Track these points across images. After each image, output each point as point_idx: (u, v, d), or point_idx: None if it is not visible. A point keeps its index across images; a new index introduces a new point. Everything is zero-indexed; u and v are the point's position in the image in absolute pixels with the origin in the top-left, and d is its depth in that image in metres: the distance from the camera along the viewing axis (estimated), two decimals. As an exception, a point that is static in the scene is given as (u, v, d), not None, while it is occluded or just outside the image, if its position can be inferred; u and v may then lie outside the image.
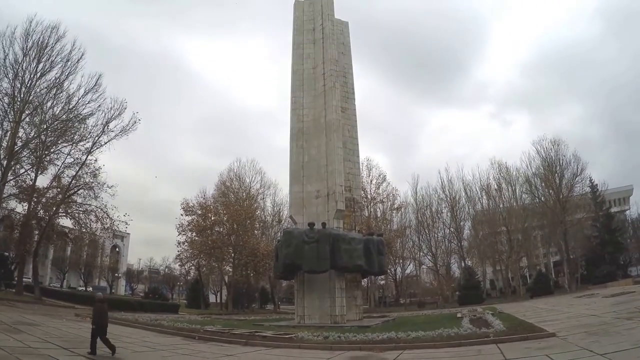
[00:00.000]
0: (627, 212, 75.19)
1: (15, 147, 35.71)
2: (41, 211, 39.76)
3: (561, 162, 56.30)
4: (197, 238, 49.87)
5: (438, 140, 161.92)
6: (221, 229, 51.25)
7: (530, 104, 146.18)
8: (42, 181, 39.60)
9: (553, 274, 67.30)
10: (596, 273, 52.31)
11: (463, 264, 62.94)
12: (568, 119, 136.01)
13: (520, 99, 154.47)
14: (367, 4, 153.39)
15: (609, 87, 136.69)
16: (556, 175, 55.93)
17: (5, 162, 35.03)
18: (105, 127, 39.39)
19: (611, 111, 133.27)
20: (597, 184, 59.39)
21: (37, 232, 41.78)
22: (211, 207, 52.31)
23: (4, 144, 35.88)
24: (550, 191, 56.30)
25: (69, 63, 38.50)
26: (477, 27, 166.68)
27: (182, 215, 50.28)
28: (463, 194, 64.53)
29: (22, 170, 38.09)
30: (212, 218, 51.21)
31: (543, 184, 57.43)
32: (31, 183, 38.14)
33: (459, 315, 25.83)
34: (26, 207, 38.71)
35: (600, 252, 54.32)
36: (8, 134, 36.00)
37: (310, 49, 23.63)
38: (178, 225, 50.10)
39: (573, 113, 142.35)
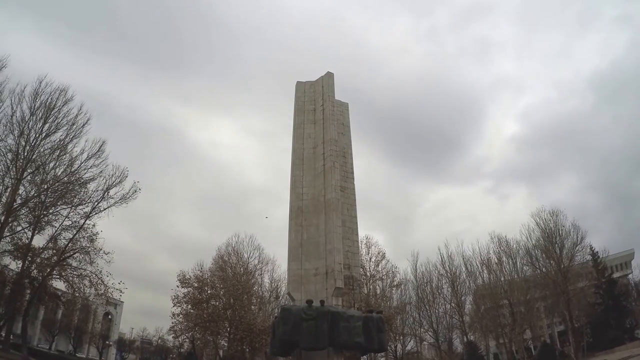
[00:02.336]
0: (630, 276, 74.06)
1: (15, 204, 35.84)
2: (35, 271, 39.41)
3: (561, 232, 56.53)
4: (192, 311, 48.72)
5: (437, 217, 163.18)
6: (217, 303, 50.21)
7: (527, 177, 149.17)
8: (39, 241, 39.60)
9: (558, 344, 65.14)
10: (602, 339, 50.91)
11: (465, 339, 61.31)
12: (565, 189, 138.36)
13: (516, 173, 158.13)
14: (366, 86, 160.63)
15: (603, 156, 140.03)
16: (556, 245, 55.85)
17: (3, 218, 34.96)
18: (106, 194, 40.04)
19: (606, 179, 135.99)
20: (597, 251, 59.18)
21: (29, 291, 41.16)
22: (208, 280, 51.53)
23: (4, 199, 36.03)
24: (552, 262, 55.99)
25: (74, 127, 39.68)
26: (473, 106, 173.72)
27: (178, 286, 49.50)
28: (463, 269, 64.10)
29: (19, 228, 38.23)
30: (209, 291, 50.39)
31: (544, 255, 57.26)
32: (27, 241, 38.03)
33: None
34: (20, 265, 38.25)
35: (605, 318, 53.04)
36: (8, 190, 36.29)
37: (310, 129, 24.27)
38: (173, 297, 49.12)
39: (570, 183, 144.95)
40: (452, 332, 63.10)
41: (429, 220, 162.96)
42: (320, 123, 23.98)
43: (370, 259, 55.80)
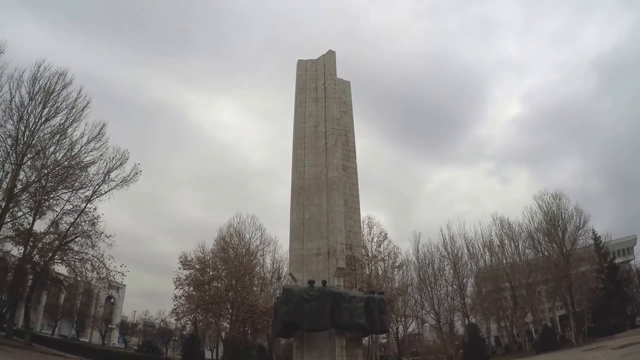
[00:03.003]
0: (632, 262, 74.04)
1: (15, 189, 35.56)
2: (37, 256, 39.26)
3: (563, 215, 56.45)
4: (194, 292, 48.56)
5: (438, 198, 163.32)
6: (219, 285, 50.03)
7: (529, 159, 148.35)
8: (40, 226, 39.32)
9: (559, 328, 65.39)
10: (603, 325, 50.87)
11: (467, 321, 61.37)
12: (568, 173, 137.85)
13: (519, 155, 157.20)
14: (368, 66, 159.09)
15: (606, 140, 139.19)
16: (559, 229, 55.74)
17: (3, 204, 34.74)
18: (106, 177, 39.59)
19: (609, 163, 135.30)
20: (600, 236, 59.00)
21: (31, 276, 41.15)
22: (210, 261, 51.27)
23: (4, 185, 35.77)
24: (554, 245, 55.90)
25: (74, 110, 39.13)
26: (475, 87, 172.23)
27: (180, 269, 49.06)
28: (465, 250, 64.05)
29: (20, 213, 37.92)
30: (211, 273, 50.20)
31: (546, 239, 57.21)
32: (28, 227, 37.81)
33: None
34: (22, 251, 38.09)
35: (607, 303, 53.04)
36: (9, 175, 35.99)
37: (312, 107, 23.96)
38: (175, 279, 48.68)
39: (572, 167, 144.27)
40: (453, 314, 63.27)
41: (431, 201, 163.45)
42: (322, 101, 23.64)
43: (372, 239, 55.86)
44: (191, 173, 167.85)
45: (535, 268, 58.22)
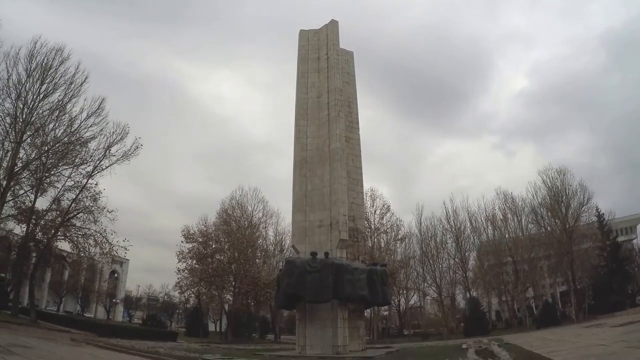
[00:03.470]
0: (635, 240, 73.90)
1: (16, 167, 35.19)
2: (39, 233, 39.22)
3: (567, 191, 55.73)
4: (197, 266, 49.05)
5: (442, 171, 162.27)
6: (222, 257, 50.46)
7: (535, 134, 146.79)
8: (42, 203, 39.04)
9: (560, 304, 65.87)
10: (604, 302, 50.81)
11: (468, 295, 61.76)
12: (574, 149, 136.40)
13: (524, 129, 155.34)
14: (371, 37, 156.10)
15: (613, 117, 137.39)
16: (562, 204, 55.21)
17: (4, 183, 34.48)
18: (107, 152, 39.13)
19: (616, 140, 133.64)
20: (603, 213, 58.25)
21: (34, 254, 41.35)
22: (212, 234, 51.56)
23: (4, 164, 35.40)
24: (557, 221, 55.51)
25: (72, 86, 38.26)
26: (480, 59, 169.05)
27: (182, 242, 49.47)
28: (468, 224, 63.65)
29: (21, 192, 37.55)
30: (213, 246, 50.49)
31: (549, 214, 56.72)
32: (30, 205, 37.57)
33: (464, 346, 25.07)
34: (24, 229, 38.07)
35: (608, 281, 52.90)
36: (9, 154, 35.56)
37: (314, 78, 23.63)
38: (178, 253, 49.22)
39: (578, 143, 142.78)
40: (455, 287, 63.47)
41: (434, 174, 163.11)
42: (325, 72, 23.31)
43: (375, 211, 55.50)
44: (191, 147, 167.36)
45: (537, 243, 58.17)
